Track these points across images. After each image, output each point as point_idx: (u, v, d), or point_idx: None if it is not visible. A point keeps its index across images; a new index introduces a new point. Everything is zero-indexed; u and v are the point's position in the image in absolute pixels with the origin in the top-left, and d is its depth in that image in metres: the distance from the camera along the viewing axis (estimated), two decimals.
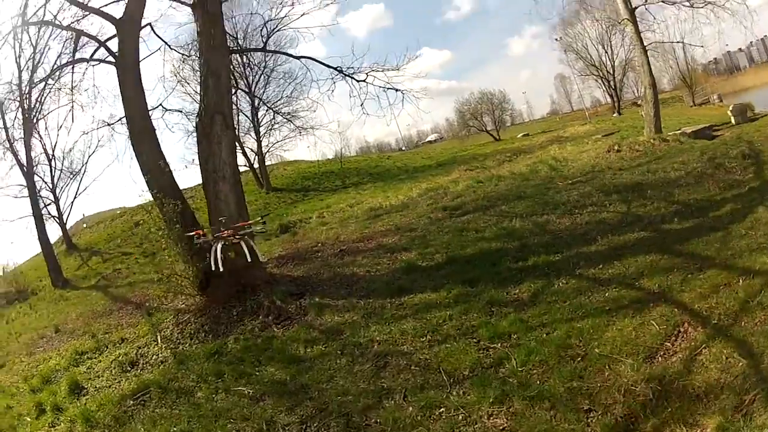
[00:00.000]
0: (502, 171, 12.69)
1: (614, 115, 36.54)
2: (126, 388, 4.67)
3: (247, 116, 20.65)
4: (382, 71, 8.90)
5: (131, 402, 4.36)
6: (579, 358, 3.94)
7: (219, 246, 6.04)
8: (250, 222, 6.52)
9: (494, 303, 5.10)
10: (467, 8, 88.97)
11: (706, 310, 4.36)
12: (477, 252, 6.51)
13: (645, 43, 14.04)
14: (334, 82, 9.33)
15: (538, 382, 3.74)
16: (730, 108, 18.01)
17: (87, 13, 7.26)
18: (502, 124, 40.51)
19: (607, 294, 5.01)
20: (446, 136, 49.78)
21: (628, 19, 13.81)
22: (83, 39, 7.99)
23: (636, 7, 14.06)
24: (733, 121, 17.03)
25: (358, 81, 8.90)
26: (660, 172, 9.59)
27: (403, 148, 51.05)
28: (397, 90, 8.99)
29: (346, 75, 8.90)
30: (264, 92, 21.21)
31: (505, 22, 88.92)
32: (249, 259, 6.07)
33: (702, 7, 13.61)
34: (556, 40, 39.26)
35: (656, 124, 14.65)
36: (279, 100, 21.39)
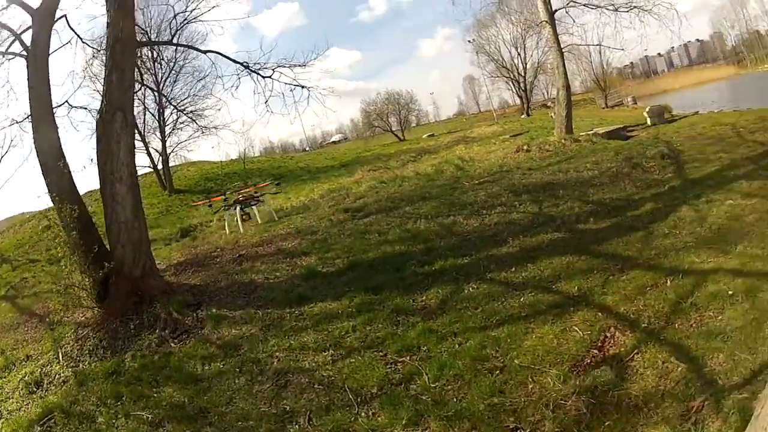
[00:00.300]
0: (407, 171, 19.48)
1: (523, 116, 58.29)
2: (33, 412, 7.01)
3: (153, 115, 32.76)
4: (289, 67, 14.25)
5: (38, 428, 6.63)
6: (498, 371, 5.84)
7: (238, 209, 13.86)
8: (266, 184, 15.80)
9: (400, 312, 7.65)
10: (382, 9, 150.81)
11: (633, 313, 6.75)
12: (380, 256, 9.93)
13: (562, 46, 23.27)
14: (239, 79, 14.60)
15: (454, 400, 5.45)
16: (647, 109, 28.50)
17: (7, 4, 11.36)
18: (408, 124, 67.69)
19: (522, 299, 7.67)
20: (351, 137, 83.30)
21: (547, 22, 22.70)
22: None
23: (556, 10, 23.17)
24: (649, 122, 26.75)
25: (264, 77, 14.07)
26: (572, 172, 14.65)
27: (307, 149, 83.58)
28: (303, 87, 14.44)
29: (252, 71, 13.95)
30: (172, 90, 33.85)
31: (418, 24, 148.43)
32: (259, 220, 14.42)
33: (627, 11, 22.62)
34: (470, 41, 68.67)
35: (567, 125, 22.97)
36: (186, 98, 34.31)
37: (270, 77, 14.16)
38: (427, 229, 11.16)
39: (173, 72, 33.16)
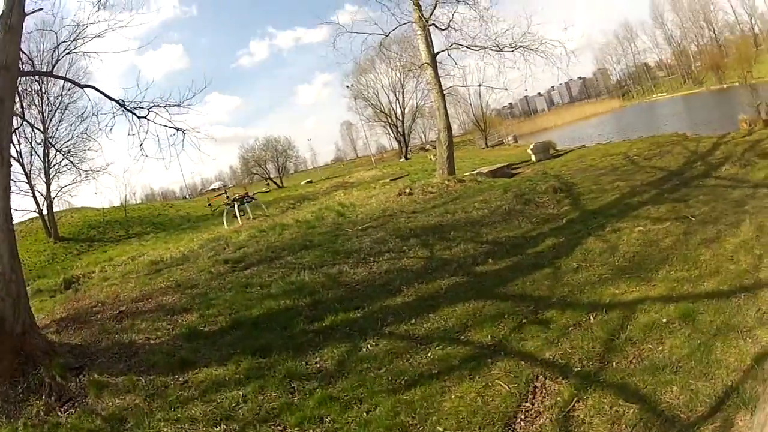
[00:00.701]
0: (286, 219, 20.37)
1: (401, 160, 65.14)
2: None
3: (38, 155, 35.20)
4: (165, 107, 14.84)
5: None
6: None
7: (236, 206, 25.01)
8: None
9: (294, 376, 7.61)
10: (263, 55, 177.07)
11: (561, 358, 6.73)
12: (265, 312, 10.07)
13: (443, 88, 25.66)
14: (114, 118, 15.10)
15: None
16: (531, 146, 31.09)
17: None
18: (286, 171, 75.77)
19: (430, 354, 7.50)
20: (230, 184, 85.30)
21: (429, 64, 24.94)
22: None
23: (438, 52, 25.55)
24: (534, 158, 28.86)
25: (139, 117, 14.42)
26: (460, 213, 15.19)
27: (187, 196, 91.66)
28: (178, 129, 15.00)
29: (127, 110, 14.27)
30: (57, 129, 37.07)
31: (297, 70, 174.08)
32: (251, 216, 24.40)
33: (512, 51, 24.77)
34: (348, 87, 79.00)
35: (450, 166, 24.41)
36: (69, 140, 37.38)
37: (145, 117, 14.50)
38: (312, 280, 11.31)
39: (58, 110, 36.17)
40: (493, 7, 27.88)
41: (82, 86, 15.47)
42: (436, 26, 25.17)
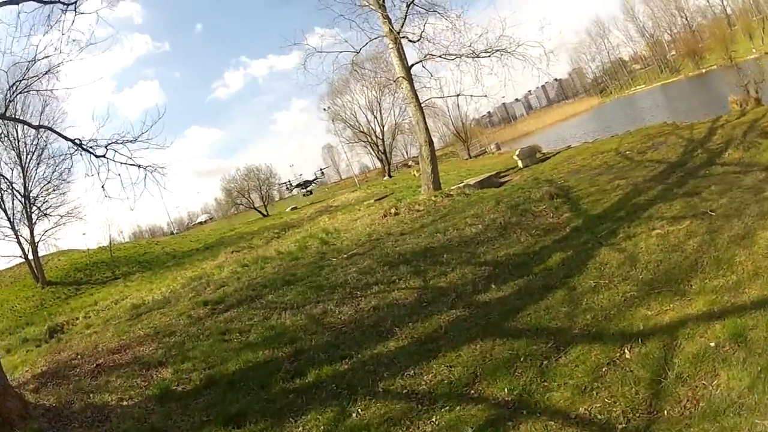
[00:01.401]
0: (269, 250, 19.81)
1: (385, 178, 65.21)
2: None
3: (20, 200, 35.82)
4: (123, 143, 14.03)
5: None
6: None
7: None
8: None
9: None
10: (238, 85, 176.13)
11: (599, 412, 5.49)
12: (242, 368, 9.03)
13: (420, 101, 24.91)
14: (71, 156, 16.30)
15: None
16: (517, 152, 30.26)
17: None
18: (271, 198, 74.02)
19: (435, 418, 6.16)
20: (216, 216, 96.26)
21: (404, 77, 24.17)
22: None
23: (413, 65, 24.90)
24: (520, 164, 27.96)
25: (97, 156, 13.73)
26: (452, 231, 13.95)
27: (174, 232, 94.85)
28: (140, 166, 14.13)
29: (84, 149, 13.67)
30: (35, 173, 37.56)
31: (274, 98, 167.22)
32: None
33: (488, 56, 23.87)
34: (324, 110, 78.35)
35: (435, 181, 23.49)
36: (47, 183, 38.02)
37: (104, 156, 13.95)
38: (293, 323, 10.34)
39: (35, 155, 36.74)
40: (465, 14, 27.22)
41: (36, 127, 16.92)
42: (408, 39, 24.42)
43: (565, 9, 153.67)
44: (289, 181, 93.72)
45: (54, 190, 38.11)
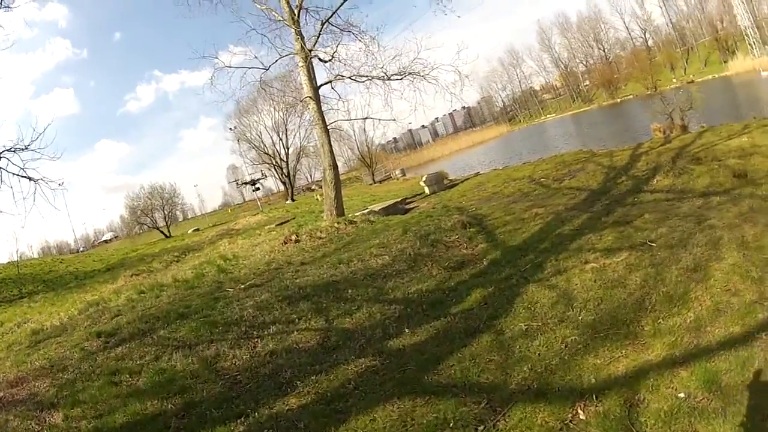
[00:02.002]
0: (167, 277, 19.15)
1: (288, 201, 65.91)
2: None
3: None
4: (14, 151, 14.57)
5: None
6: None
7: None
8: None
9: None
10: (149, 99, 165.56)
11: None
12: (129, 421, 8.01)
13: (327, 123, 24.76)
14: None
15: None
16: (424, 178, 30.30)
17: None
18: (174, 219, 76.82)
19: None
20: (121, 235, 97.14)
21: (311, 98, 23.83)
22: None
23: (321, 85, 24.70)
24: (427, 190, 27.86)
25: None
26: (356, 262, 13.09)
27: (81, 249, 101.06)
28: (30, 179, 14.61)
29: None
30: None
31: (183, 115, 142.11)
32: None
33: (400, 79, 24.03)
34: (231, 129, 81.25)
35: (338, 207, 23.16)
36: None
37: None
38: (184, 368, 9.26)
39: None
40: (380, 36, 27.33)
41: None
42: (319, 58, 24.23)
43: (481, 37, 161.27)
44: (236, 180, 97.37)
45: None
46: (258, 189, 77.54)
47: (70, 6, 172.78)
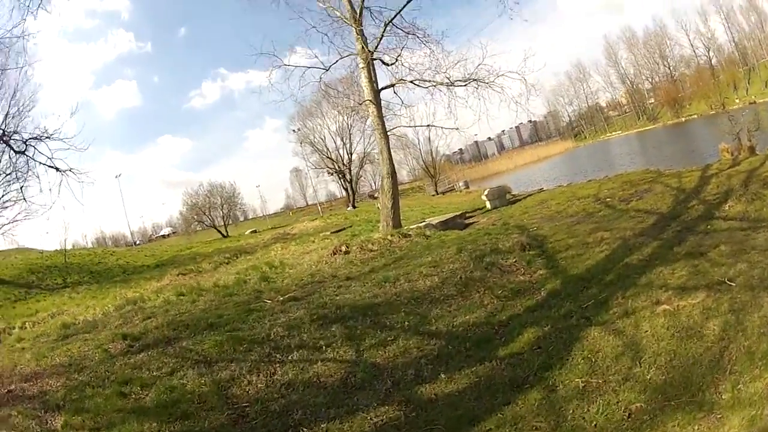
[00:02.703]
0: (210, 280, 18.81)
1: (348, 208, 65.41)
2: None
3: None
4: (41, 139, 14.29)
5: None
6: None
7: None
8: None
9: None
10: (215, 97, 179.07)
11: None
12: None
13: (387, 129, 23.76)
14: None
15: None
16: (485, 192, 28.74)
17: None
18: (235, 219, 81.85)
19: None
20: (179, 231, 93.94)
21: (372, 101, 22.83)
22: None
23: (383, 88, 23.71)
24: (489, 205, 26.30)
25: (17, 152, 14.18)
26: (403, 282, 11.90)
27: (138, 242, 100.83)
28: (57, 169, 14.42)
29: (3, 142, 14.39)
30: None
31: (248, 114, 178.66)
32: None
33: (464, 86, 23.16)
34: (293, 131, 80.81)
35: (395, 218, 21.98)
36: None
37: (23, 153, 13.83)
38: (194, 390, 8.41)
39: None
40: (445, 41, 26.65)
41: None
42: (381, 61, 23.25)
43: (548, 50, 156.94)
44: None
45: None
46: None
47: None
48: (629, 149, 61.66)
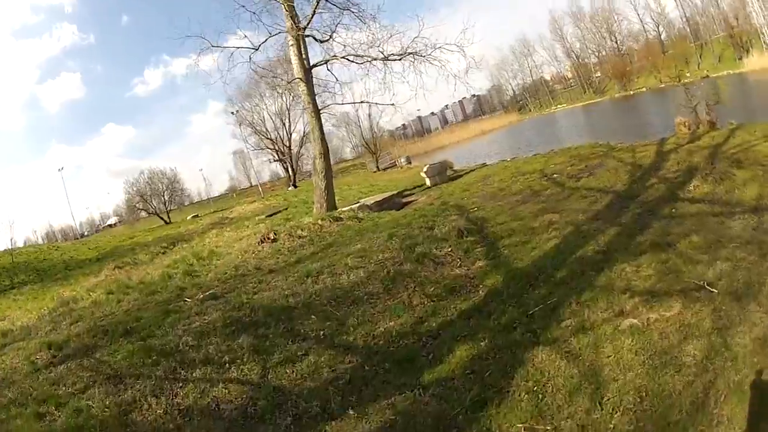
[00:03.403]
0: (142, 274, 18.38)
1: (289, 188, 65.89)
2: None
3: None
4: None
5: None
6: None
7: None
8: None
9: None
10: (157, 83, 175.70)
11: None
12: None
13: (322, 106, 23.48)
14: None
15: None
16: (425, 168, 27.38)
17: None
18: (180, 203, 78.45)
19: None
20: (125, 219, 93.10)
21: (301, 79, 22.02)
22: None
23: (313, 66, 22.89)
24: (428, 182, 25.11)
25: None
26: (326, 276, 10.73)
27: (85, 233, 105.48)
28: None
29: None
30: None
31: (190, 99, 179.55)
32: None
33: (399, 59, 22.46)
34: (232, 113, 78.55)
35: (329, 199, 21.49)
36: None
37: None
38: (98, 414, 7.46)
39: None
40: (380, 16, 26.00)
41: None
42: (314, 38, 22.58)
43: (492, 25, 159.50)
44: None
45: None
46: None
47: None
48: (575, 122, 61.74)
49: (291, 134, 75.25)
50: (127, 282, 16.77)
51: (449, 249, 10.78)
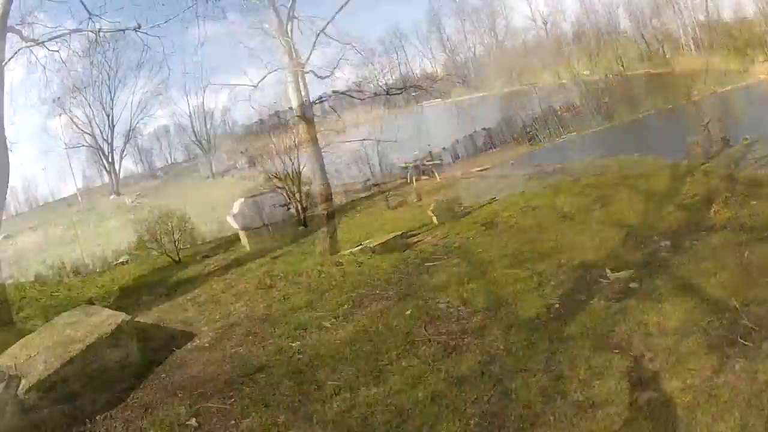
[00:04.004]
0: None
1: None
2: None
3: None
4: None
5: None
6: None
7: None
8: None
9: None
10: None
11: None
12: None
13: (322, 145, 21.74)
14: None
15: None
16: (432, 206, 25.75)
17: None
18: None
19: None
20: None
21: (301, 117, 20.70)
22: None
23: (314, 102, 21.58)
24: (435, 221, 23.57)
25: None
26: (314, 330, 9.76)
27: None
28: None
29: None
30: None
31: None
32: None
33: (399, 94, 23.23)
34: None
35: (332, 242, 20.52)
36: None
37: None
38: None
39: None
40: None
41: None
42: (314, 73, 20.97)
43: None
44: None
45: None
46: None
47: None
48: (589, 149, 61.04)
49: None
50: None
51: (447, 300, 9.82)
